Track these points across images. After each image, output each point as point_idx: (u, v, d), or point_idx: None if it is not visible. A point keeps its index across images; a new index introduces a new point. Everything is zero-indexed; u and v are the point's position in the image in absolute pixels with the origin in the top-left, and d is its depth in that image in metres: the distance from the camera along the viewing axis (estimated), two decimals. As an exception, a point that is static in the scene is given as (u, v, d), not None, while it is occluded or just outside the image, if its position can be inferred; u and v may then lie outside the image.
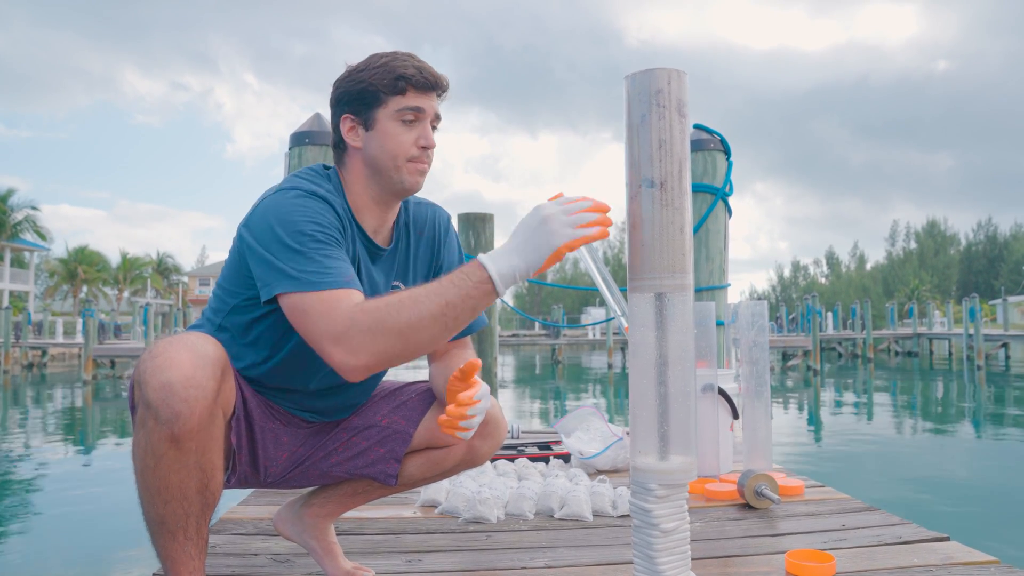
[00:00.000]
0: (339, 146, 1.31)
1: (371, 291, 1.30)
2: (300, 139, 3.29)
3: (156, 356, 1.07)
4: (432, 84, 1.26)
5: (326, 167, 1.33)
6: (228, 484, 1.31)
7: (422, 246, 1.42)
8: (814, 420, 10.13)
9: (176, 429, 1.05)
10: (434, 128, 1.30)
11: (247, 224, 1.20)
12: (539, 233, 1.07)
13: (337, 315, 1.07)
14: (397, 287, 1.38)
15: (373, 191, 1.29)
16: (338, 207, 1.24)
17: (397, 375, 1.57)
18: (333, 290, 1.09)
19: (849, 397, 13.28)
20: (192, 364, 1.06)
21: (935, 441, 8.17)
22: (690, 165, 1.11)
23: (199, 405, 1.06)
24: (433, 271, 1.44)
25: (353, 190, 1.29)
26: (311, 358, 1.23)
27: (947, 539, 1.70)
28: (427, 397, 1.44)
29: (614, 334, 23.45)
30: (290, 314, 1.12)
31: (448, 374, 1.33)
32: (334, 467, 1.41)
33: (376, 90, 1.24)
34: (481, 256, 1.09)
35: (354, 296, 1.10)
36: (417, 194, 1.37)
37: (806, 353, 20.56)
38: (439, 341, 1.09)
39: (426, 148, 1.27)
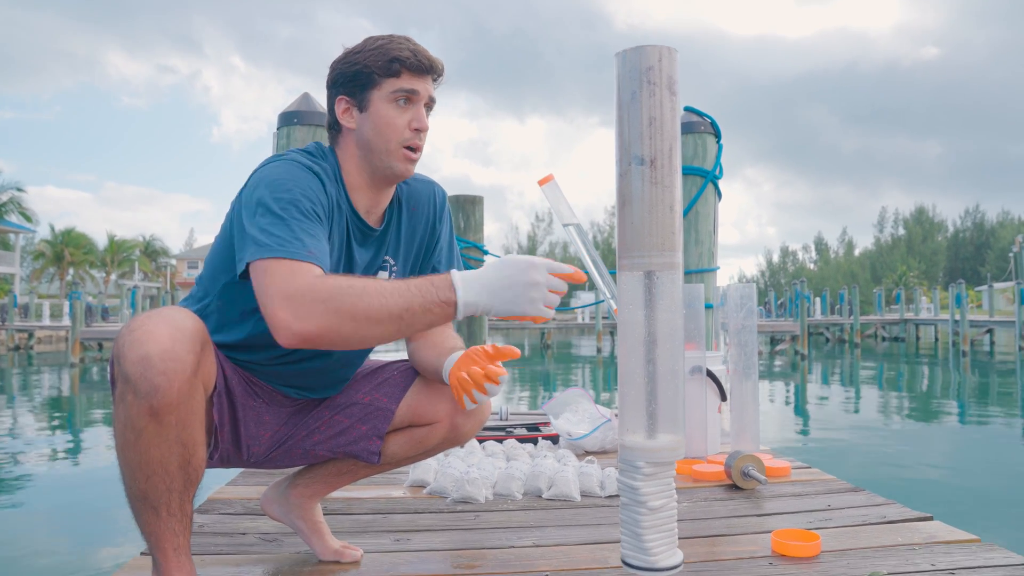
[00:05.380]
0: (334, 127, 1.32)
1: (352, 270, 1.31)
2: (288, 119, 3.25)
3: (134, 330, 1.06)
4: (427, 67, 1.28)
5: (322, 146, 1.33)
6: (211, 461, 1.30)
7: (416, 222, 1.42)
8: (801, 403, 10.21)
9: (155, 402, 1.04)
10: (428, 110, 1.31)
11: (240, 191, 1.22)
12: (520, 290, 1.10)
13: (298, 278, 1.08)
14: (387, 263, 1.38)
15: (366, 173, 1.30)
16: (330, 185, 1.25)
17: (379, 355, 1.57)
18: (302, 261, 1.10)
19: (836, 381, 13.40)
20: (170, 337, 1.05)
21: (919, 424, 8.27)
22: (680, 145, 1.10)
23: (178, 378, 1.05)
24: (426, 247, 1.44)
25: (347, 170, 1.30)
26: None
27: (930, 519, 1.72)
28: (409, 375, 1.43)
29: (603, 318, 23.51)
30: (254, 277, 1.11)
31: (429, 349, 1.35)
32: (317, 446, 1.41)
33: (371, 72, 1.25)
34: (455, 276, 1.11)
35: (335, 278, 1.11)
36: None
37: (794, 338, 20.70)
38: (386, 340, 1.11)
39: (419, 131, 1.28)
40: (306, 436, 1.40)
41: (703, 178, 3.24)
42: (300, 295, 1.06)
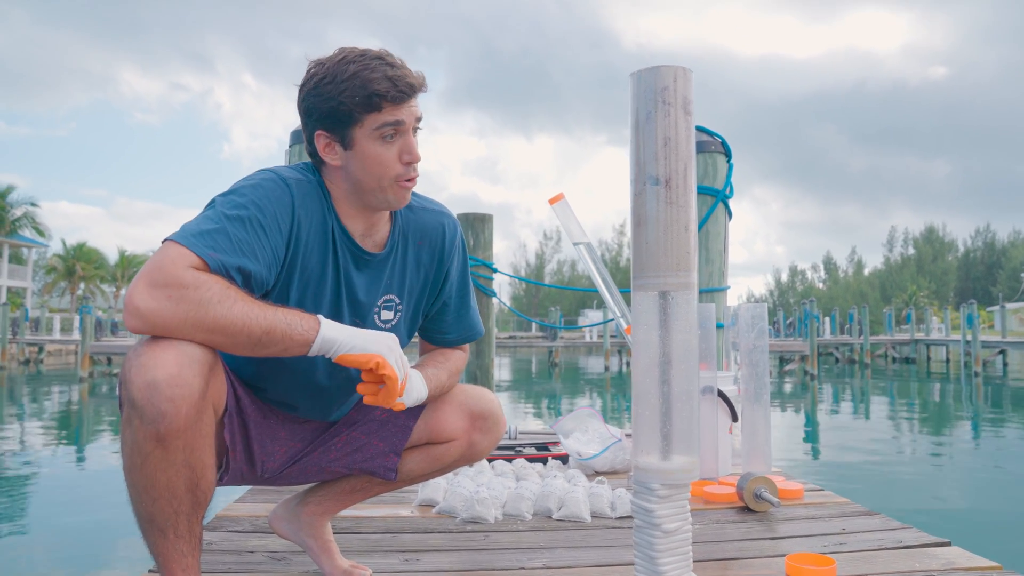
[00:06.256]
0: (316, 157, 1.25)
1: (348, 297, 1.27)
2: (300, 137, 3.28)
3: (140, 355, 1.04)
4: (409, 93, 1.20)
5: (314, 169, 1.27)
6: (222, 481, 1.30)
7: (422, 255, 1.37)
8: (812, 424, 10.12)
9: (162, 428, 1.02)
10: (416, 130, 1.24)
11: None
12: (378, 336, 1.15)
13: (175, 268, 1.03)
14: (391, 301, 1.34)
15: (355, 204, 1.26)
16: (314, 205, 1.21)
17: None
18: (195, 254, 1.05)
19: (847, 402, 13.28)
20: (178, 363, 1.03)
21: (934, 446, 8.17)
22: (695, 164, 1.10)
23: (185, 404, 1.03)
24: (433, 282, 1.40)
25: (335, 196, 1.26)
26: (296, 370, 1.27)
27: (948, 544, 1.69)
28: None
29: (611, 337, 23.43)
30: None
31: (432, 361, 1.40)
32: (333, 462, 1.40)
33: (349, 109, 1.17)
34: (324, 320, 1.12)
35: (214, 277, 1.05)
36: (425, 195, 1.37)
37: (803, 358, 20.56)
38: (236, 352, 1.09)
39: (411, 163, 1.22)
40: (322, 452, 1.40)
41: (714, 197, 3.24)
42: (162, 278, 1.02)
